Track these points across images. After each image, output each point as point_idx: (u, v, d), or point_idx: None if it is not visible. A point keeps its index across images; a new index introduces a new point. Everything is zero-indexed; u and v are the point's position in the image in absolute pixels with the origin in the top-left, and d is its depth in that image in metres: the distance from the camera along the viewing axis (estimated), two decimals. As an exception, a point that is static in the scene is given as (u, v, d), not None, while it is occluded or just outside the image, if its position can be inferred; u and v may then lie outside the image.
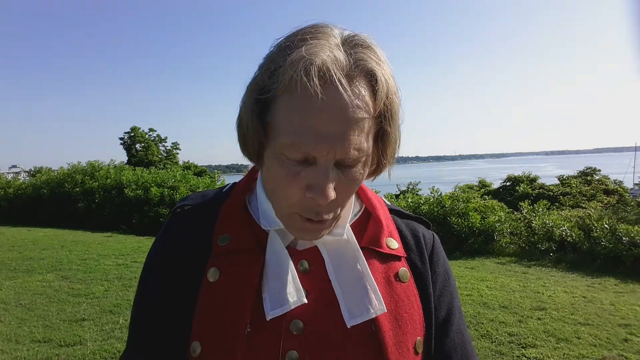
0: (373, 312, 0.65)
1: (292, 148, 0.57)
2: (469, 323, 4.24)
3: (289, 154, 0.58)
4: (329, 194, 0.58)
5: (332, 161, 0.58)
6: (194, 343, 0.64)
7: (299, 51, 0.56)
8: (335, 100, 0.56)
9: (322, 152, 0.57)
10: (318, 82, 0.54)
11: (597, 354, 3.61)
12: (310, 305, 0.65)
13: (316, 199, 0.58)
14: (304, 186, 0.59)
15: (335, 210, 0.63)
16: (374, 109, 0.59)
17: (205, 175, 21.62)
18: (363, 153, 0.59)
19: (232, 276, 0.66)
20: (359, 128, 0.57)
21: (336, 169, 0.59)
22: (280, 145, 0.58)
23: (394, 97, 0.61)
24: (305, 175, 0.58)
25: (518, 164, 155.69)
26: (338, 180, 0.59)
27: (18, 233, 9.52)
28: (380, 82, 0.59)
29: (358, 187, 0.64)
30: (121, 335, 3.87)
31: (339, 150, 0.57)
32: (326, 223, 0.63)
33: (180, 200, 0.78)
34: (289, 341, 0.63)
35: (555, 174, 30.83)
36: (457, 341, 0.73)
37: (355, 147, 0.58)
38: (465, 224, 8.13)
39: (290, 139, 0.57)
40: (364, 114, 0.58)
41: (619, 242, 6.78)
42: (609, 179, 26.93)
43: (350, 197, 0.64)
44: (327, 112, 0.56)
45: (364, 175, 0.63)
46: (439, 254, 0.77)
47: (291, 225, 0.64)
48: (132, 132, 49.40)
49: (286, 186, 0.60)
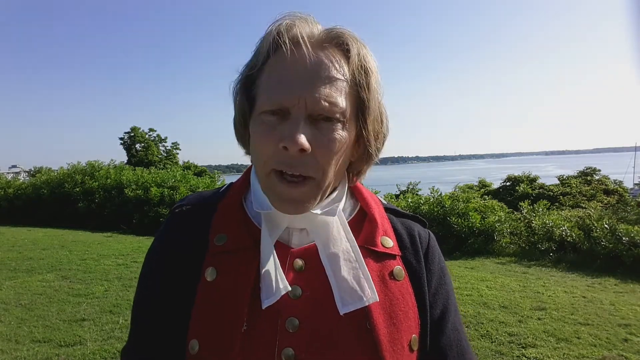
0: (366, 300, 0.65)
1: (267, 102, 0.63)
2: (469, 323, 4.24)
3: (265, 107, 0.63)
4: (299, 140, 0.60)
5: (303, 111, 0.62)
6: (192, 341, 0.65)
7: (275, 23, 0.65)
8: (305, 57, 0.62)
9: (293, 101, 0.61)
10: (289, 42, 0.62)
11: (597, 354, 3.61)
12: (305, 303, 0.66)
13: (287, 145, 0.60)
14: (278, 138, 0.62)
15: (315, 172, 0.63)
16: (348, 73, 0.65)
17: (205, 175, 21.63)
18: (335, 107, 0.62)
19: (229, 275, 0.67)
20: (329, 81, 0.62)
21: (310, 124, 0.62)
22: (259, 106, 0.65)
23: (370, 71, 0.66)
24: (280, 129, 0.62)
25: (518, 164, 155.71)
26: (313, 134, 0.62)
27: (18, 233, 9.53)
28: (352, 51, 0.65)
29: (338, 150, 0.64)
30: (121, 335, 3.87)
31: (308, 99, 0.61)
32: (304, 187, 0.63)
33: (178, 201, 0.80)
34: (285, 339, 0.64)
35: (555, 174, 30.83)
36: (452, 338, 0.74)
37: (326, 99, 0.61)
38: (465, 224, 8.13)
39: (265, 95, 0.64)
40: (334, 72, 0.63)
41: (619, 242, 6.78)
42: (609, 179, 26.93)
43: (330, 157, 0.64)
44: (297, 66, 0.62)
45: (343, 138, 0.64)
46: (434, 252, 0.78)
47: (273, 194, 0.65)
48: (132, 132, 49.43)
49: (264, 142, 0.64)
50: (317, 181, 0.64)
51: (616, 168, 58.07)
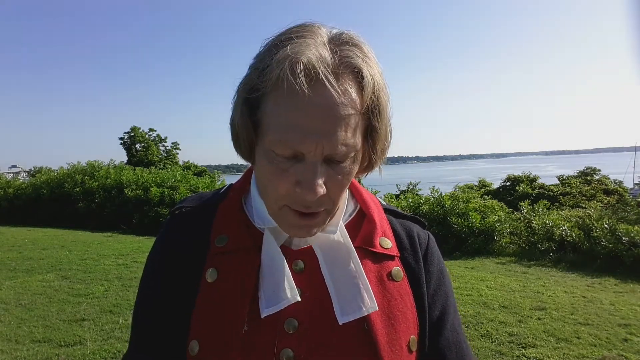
0: (365, 310, 0.65)
1: (280, 145, 0.58)
2: (469, 323, 4.24)
3: (278, 151, 0.59)
4: (317, 190, 0.58)
5: (320, 157, 0.59)
6: (193, 342, 0.65)
7: (285, 50, 0.57)
8: (321, 97, 0.57)
9: (310, 148, 0.58)
10: (304, 80, 0.56)
11: (597, 354, 3.61)
12: (305, 304, 0.66)
13: (305, 195, 0.59)
14: (292, 182, 0.60)
15: (328, 204, 0.63)
16: (361, 105, 0.60)
17: (205, 175, 21.62)
18: (351, 149, 0.60)
19: (230, 276, 0.67)
20: (345, 124, 0.58)
21: (325, 165, 0.60)
22: (269, 143, 0.60)
23: (381, 93, 0.63)
24: (294, 172, 0.59)
25: (518, 164, 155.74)
26: (327, 175, 0.60)
27: (18, 233, 9.53)
28: (366, 78, 0.60)
29: (349, 182, 0.64)
30: (121, 335, 3.87)
31: (326, 146, 0.58)
32: (318, 218, 0.63)
33: (178, 202, 0.79)
34: (284, 339, 0.64)
35: (556, 174, 30.83)
36: (451, 339, 0.74)
37: (343, 143, 0.59)
38: (465, 224, 8.13)
39: (278, 136, 0.58)
40: (351, 110, 0.59)
41: (619, 242, 6.78)
42: (609, 179, 26.93)
43: (341, 192, 0.64)
44: (313, 109, 0.57)
45: (354, 170, 0.64)
46: (433, 253, 0.77)
47: (283, 222, 0.64)
48: (132, 132, 49.44)
49: (276, 182, 0.61)
50: (328, 210, 0.64)
51: (616, 168, 58.06)
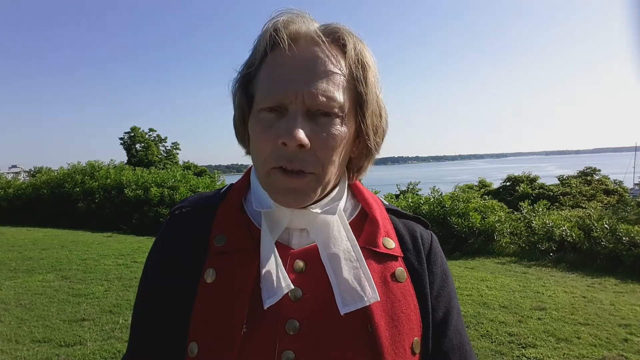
0: (367, 300, 0.65)
1: (264, 100, 0.63)
2: (469, 323, 4.24)
3: (263, 105, 0.64)
4: (298, 136, 0.60)
5: (301, 108, 0.62)
6: (192, 343, 0.64)
7: (271, 20, 0.65)
8: (302, 53, 0.63)
9: (290, 97, 0.61)
10: (286, 37, 0.62)
11: (597, 354, 3.61)
12: (306, 305, 0.65)
13: (285, 141, 0.60)
14: (276, 135, 0.62)
15: (315, 167, 0.63)
16: (346, 69, 0.65)
17: (205, 175, 21.61)
18: (333, 102, 0.62)
19: (229, 276, 0.66)
20: (326, 76, 0.62)
21: (309, 119, 0.63)
22: (257, 103, 0.65)
23: (367, 65, 0.66)
24: (278, 125, 0.62)
25: (518, 164, 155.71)
26: (311, 129, 0.62)
27: (18, 233, 9.52)
28: (348, 45, 0.65)
29: (337, 145, 0.64)
30: (121, 335, 3.87)
31: (306, 94, 0.61)
32: (305, 178, 0.63)
33: (178, 202, 0.79)
34: (285, 341, 0.63)
35: (556, 174, 30.81)
36: (454, 342, 0.73)
37: (323, 95, 0.61)
38: (465, 224, 8.13)
39: (263, 92, 0.64)
40: (331, 66, 0.63)
41: (619, 242, 6.78)
42: (609, 179, 26.91)
43: (329, 153, 0.64)
44: (294, 62, 0.62)
45: (341, 133, 0.64)
46: (436, 253, 0.77)
47: (272, 187, 0.65)
48: (132, 132, 49.43)
49: (263, 140, 0.64)
50: (317, 176, 0.64)
51: (616, 168, 58.03)
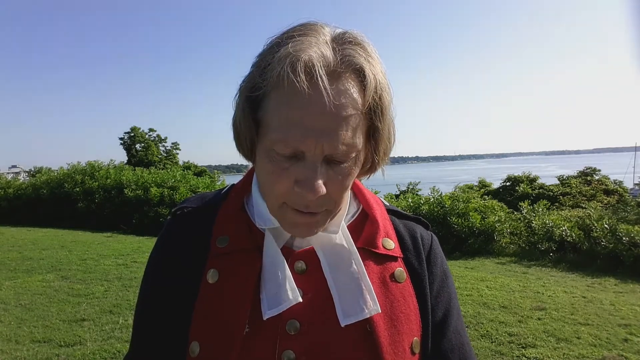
0: (367, 312, 0.65)
1: (280, 143, 0.58)
2: (469, 323, 4.24)
3: (278, 150, 0.59)
4: (318, 190, 0.58)
5: (320, 156, 0.58)
6: (193, 343, 0.65)
7: (287, 48, 0.57)
8: (321, 96, 0.56)
9: (310, 147, 0.57)
10: (304, 78, 0.55)
11: (597, 354, 3.61)
12: (306, 305, 0.66)
13: (304, 194, 0.58)
14: (292, 181, 0.59)
15: (329, 204, 0.63)
16: (363, 105, 0.60)
17: (205, 175, 21.62)
18: (352, 149, 0.60)
19: (231, 277, 0.66)
20: (346, 123, 0.58)
21: (326, 165, 0.60)
22: (270, 141, 0.59)
23: (384, 93, 0.62)
24: (294, 171, 0.59)
25: (518, 164, 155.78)
26: (328, 176, 0.60)
27: (18, 233, 9.53)
28: (368, 77, 0.59)
29: (350, 183, 0.63)
30: (121, 335, 3.87)
31: (326, 145, 0.57)
32: (318, 217, 0.63)
33: (179, 202, 0.79)
34: (285, 341, 0.63)
35: (556, 174, 30.81)
36: (454, 342, 0.73)
37: (344, 143, 0.58)
38: (465, 224, 8.13)
39: (278, 134, 0.58)
40: (352, 110, 0.58)
41: (619, 242, 6.78)
42: (609, 179, 26.91)
43: (343, 192, 0.63)
44: (314, 107, 0.56)
45: (355, 171, 0.63)
46: (436, 254, 0.77)
47: (284, 221, 0.64)
48: (132, 132, 49.52)
49: (276, 181, 0.60)
50: (329, 211, 0.64)
51: (616, 168, 58.05)
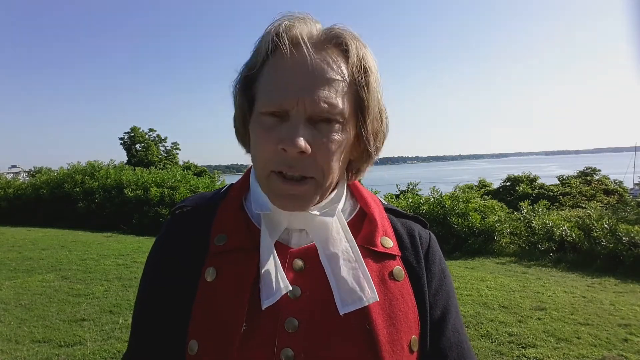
0: (365, 300, 0.65)
1: (265, 103, 0.63)
2: (469, 323, 4.24)
3: (264, 109, 0.64)
4: (299, 143, 0.60)
5: (302, 114, 0.62)
6: (192, 342, 0.65)
7: (274, 23, 0.65)
8: (305, 58, 0.62)
9: (292, 104, 0.61)
10: (288, 43, 0.62)
11: (597, 354, 3.61)
12: (305, 303, 0.66)
13: (286, 148, 0.61)
14: (277, 140, 0.62)
15: (315, 172, 0.64)
16: (347, 74, 0.65)
17: (205, 175, 21.63)
18: (334, 109, 0.62)
19: (229, 275, 0.67)
20: (328, 84, 0.62)
21: (310, 126, 0.62)
22: (258, 107, 0.65)
23: (369, 70, 0.66)
24: (279, 130, 0.62)
25: (518, 164, 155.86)
26: (312, 136, 0.62)
27: (18, 233, 9.53)
28: (351, 51, 0.65)
29: (338, 150, 0.65)
30: (121, 335, 3.87)
31: (307, 101, 0.61)
32: (305, 186, 0.64)
33: (179, 202, 0.80)
34: (284, 339, 0.64)
35: (556, 174, 30.82)
36: (453, 340, 0.73)
37: (325, 101, 0.62)
38: (465, 224, 8.13)
39: (264, 96, 0.64)
40: (334, 74, 0.63)
41: (619, 242, 6.78)
42: (609, 179, 26.92)
43: (329, 158, 0.64)
44: (297, 67, 0.62)
45: (342, 139, 0.65)
46: (434, 253, 0.77)
47: (271, 191, 0.66)
48: (132, 132, 49.56)
49: (263, 143, 0.64)
50: (317, 181, 0.64)
51: (616, 168, 58.04)
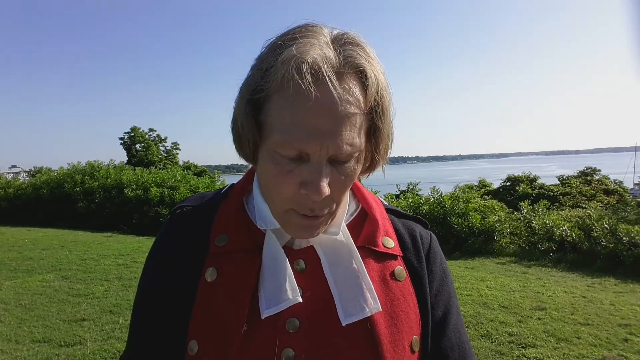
0: (368, 311, 0.65)
1: (285, 145, 0.58)
2: (469, 323, 4.24)
3: (282, 152, 0.59)
4: (323, 191, 0.58)
5: (325, 157, 0.59)
6: (192, 342, 0.65)
7: (290, 50, 0.57)
8: (326, 97, 0.56)
9: (315, 148, 0.57)
10: (310, 80, 0.55)
11: (597, 354, 3.61)
12: (306, 303, 0.66)
13: (310, 195, 0.58)
14: (297, 183, 0.59)
15: (330, 206, 0.63)
16: (365, 105, 0.60)
17: (205, 175, 21.62)
18: (355, 148, 0.60)
19: (230, 276, 0.66)
20: (350, 123, 0.58)
21: (329, 165, 0.60)
22: (273, 144, 0.59)
23: (384, 93, 0.63)
24: (299, 172, 0.59)
25: (518, 164, 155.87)
26: (332, 176, 0.60)
27: (18, 233, 9.52)
28: (370, 78, 0.60)
29: (352, 182, 0.64)
30: (121, 335, 3.87)
31: (331, 146, 0.57)
32: (321, 219, 0.63)
33: (179, 202, 0.79)
34: (285, 339, 0.64)
35: (556, 174, 30.82)
36: (454, 340, 0.73)
37: (348, 143, 0.58)
38: (465, 224, 8.13)
39: (283, 136, 0.58)
40: (355, 109, 0.59)
41: (619, 242, 6.79)
42: (609, 179, 26.92)
43: (344, 193, 0.64)
44: (319, 109, 0.56)
45: (357, 171, 0.63)
46: (435, 253, 0.77)
47: (287, 224, 0.64)
48: (132, 132, 49.56)
49: (280, 184, 0.60)
50: (330, 213, 0.64)
51: (616, 168, 58.04)
